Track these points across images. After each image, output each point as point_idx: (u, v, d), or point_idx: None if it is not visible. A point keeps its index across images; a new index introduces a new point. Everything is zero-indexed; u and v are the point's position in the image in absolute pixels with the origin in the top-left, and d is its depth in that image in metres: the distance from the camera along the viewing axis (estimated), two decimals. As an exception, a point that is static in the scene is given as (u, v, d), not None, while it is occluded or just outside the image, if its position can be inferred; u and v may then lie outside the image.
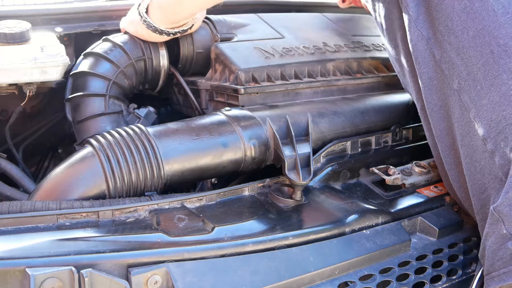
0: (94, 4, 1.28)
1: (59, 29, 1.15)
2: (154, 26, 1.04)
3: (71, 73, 1.03)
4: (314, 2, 1.55)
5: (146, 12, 1.04)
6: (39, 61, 0.94)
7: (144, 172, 0.83)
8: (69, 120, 1.03)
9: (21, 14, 1.11)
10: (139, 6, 1.06)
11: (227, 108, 0.99)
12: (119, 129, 0.87)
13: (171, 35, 1.06)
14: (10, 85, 0.97)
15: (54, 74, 0.96)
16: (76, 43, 1.20)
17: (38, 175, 1.29)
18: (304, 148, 0.91)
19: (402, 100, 1.18)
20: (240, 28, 1.18)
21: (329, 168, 0.97)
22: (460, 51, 0.80)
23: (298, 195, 0.88)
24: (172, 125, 0.92)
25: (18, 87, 0.99)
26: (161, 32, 1.05)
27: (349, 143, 1.03)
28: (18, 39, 0.97)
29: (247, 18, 1.22)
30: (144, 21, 1.04)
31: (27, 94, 0.98)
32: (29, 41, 0.99)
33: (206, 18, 1.19)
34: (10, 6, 1.30)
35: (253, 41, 1.13)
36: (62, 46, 1.00)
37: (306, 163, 0.89)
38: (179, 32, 1.07)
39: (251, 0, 1.41)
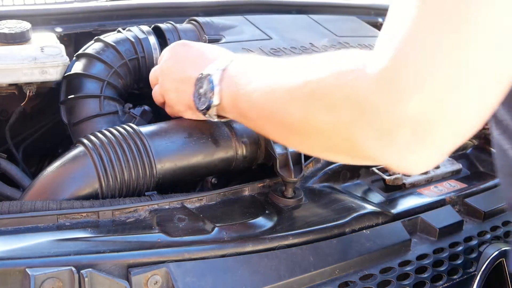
0: (94, 4, 1.28)
1: (59, 29, 1.15)
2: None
3: (64, 75, 1.02)
4: (314, 2, 1.55)
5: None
6: (39, 61, 0.94)
7: (136, 170, 0.83)
8: (64, 123, 1.03)
9: (21, 14, 1.11)
10: (205, 107, 0.82)
11: None
12: (111, 129, 0.87)
13: None
14: (10, 85, 0.97)
15: (54, 74, 0.96)
16: (76, 43, 1.20)
17: (38, 175, 1.29)
18: None
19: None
20: (227, 30, 1.18)
21: (329, 168, 0.97)
22: None
23: (289, 192, 0.88)
24: (163, 124, 0.92)
25: (18, 87, 0.99)
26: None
27: (349, 143, 1.03)
28: (18, 39, 0.97)
29: (234, 20, 1.23)
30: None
31: (27, 94, 0.98)
32: (29, 41, 0.98)
33: (194, 20, 1.19)
34: (10, 6, 1.30)
35: (241, 42, 1.13)
36: (62, 46, 1.00)
37: (297, 161, 0.89)
38: None
39: (252, 0, 1.41)
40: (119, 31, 1.13)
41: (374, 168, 0.99)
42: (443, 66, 0.51)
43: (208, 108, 0.81)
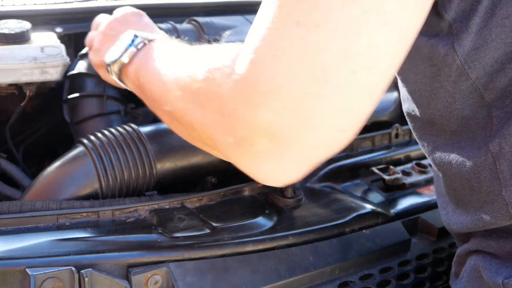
0: (94, 4, 1.28)
1: (59, 29, 1.15)
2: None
3: (67, 75, 1.03)
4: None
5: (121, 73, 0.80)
6: (39, 61, 0.94)
7: (136, 170, 0.83)
8: (67, 122, 1.04)
9: (21, 14, 1.11)
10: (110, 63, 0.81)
11: None
12: (111, 129, 0.87)
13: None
14: (10, 85, 0.97)
15: (54, 74, 0.96)
16: (76, 43, 1.20)
17: (38, 175, 1.29)
18: None
19: (389, 99, 1.19)
20: (227, 30, 1.18)
21: (329, 168, 0.97)
22: None
23: (289, 192, 0.88)
24: (164, 124, 0.92)
25: (18, 87, 0.99)
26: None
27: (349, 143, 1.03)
28: (18, 39, 0.97)
29: (234, 20, 1.23)
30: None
31: (27, 94, 0.98)
32: (29, 41, 0.98)
33: (194, 20, 1.19)
34: (10, 6, 1.30)
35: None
36: (62, 46, 1.00)
37: None
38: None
39: (252, 0, 1.41)
40: None
41: (374, 168, 0.99)
42: (296, 77, 0.48)
43: (113, 61, 0.78)
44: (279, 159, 0.51)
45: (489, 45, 0.56)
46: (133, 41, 0.77)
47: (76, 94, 1.02)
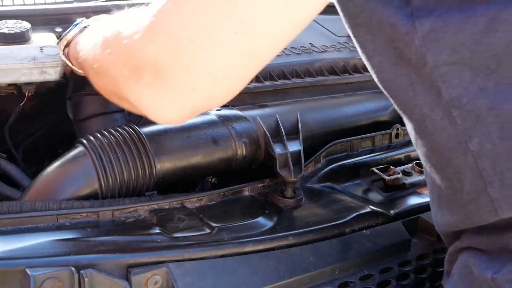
0: (94, 4, 1.28)
1: (59, 29, 1.15)
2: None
3: (73, 72, 1.03)
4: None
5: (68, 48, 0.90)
6: (38, 61, 0.93)
7: (136, 170, 0.83)
8: (70, 119, 1.04)
9: (21, 14, 1.11)
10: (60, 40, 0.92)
11: (218, 108, 0.99)
12: (110, 129, 0.87)
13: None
14: (9, 85, 0.97)
15: (53, 74, 0.96)
16: (76, 43, 1.20)
17: (38, 175, 1.29)
18: (295, 146, 0.92)
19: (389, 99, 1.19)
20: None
21: (329, 168, 0.97)
22: None
23: (289, 192, 0.88)
24: (164, 124, 0.92)
25: (17, 87, 0.99)
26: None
27: (349, 143, 1.04)
28: (18, 39, 0.97)
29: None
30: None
31: (26, 94, 0.98)
32: (29, 41, 0.98)
33: None
34: (10, 6, 1.30)
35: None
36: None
37: (297, 161, 0.90)
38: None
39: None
40: None
41: (374, 168, 0.99)
42: (184, 25, 0.54)
43: (61, 39, 0.90)
44: (161, 95, 0.58)
45: (448, 27, 0.56)
46: (77, 24, 0.88)
47: (81, 92, 1.02)
